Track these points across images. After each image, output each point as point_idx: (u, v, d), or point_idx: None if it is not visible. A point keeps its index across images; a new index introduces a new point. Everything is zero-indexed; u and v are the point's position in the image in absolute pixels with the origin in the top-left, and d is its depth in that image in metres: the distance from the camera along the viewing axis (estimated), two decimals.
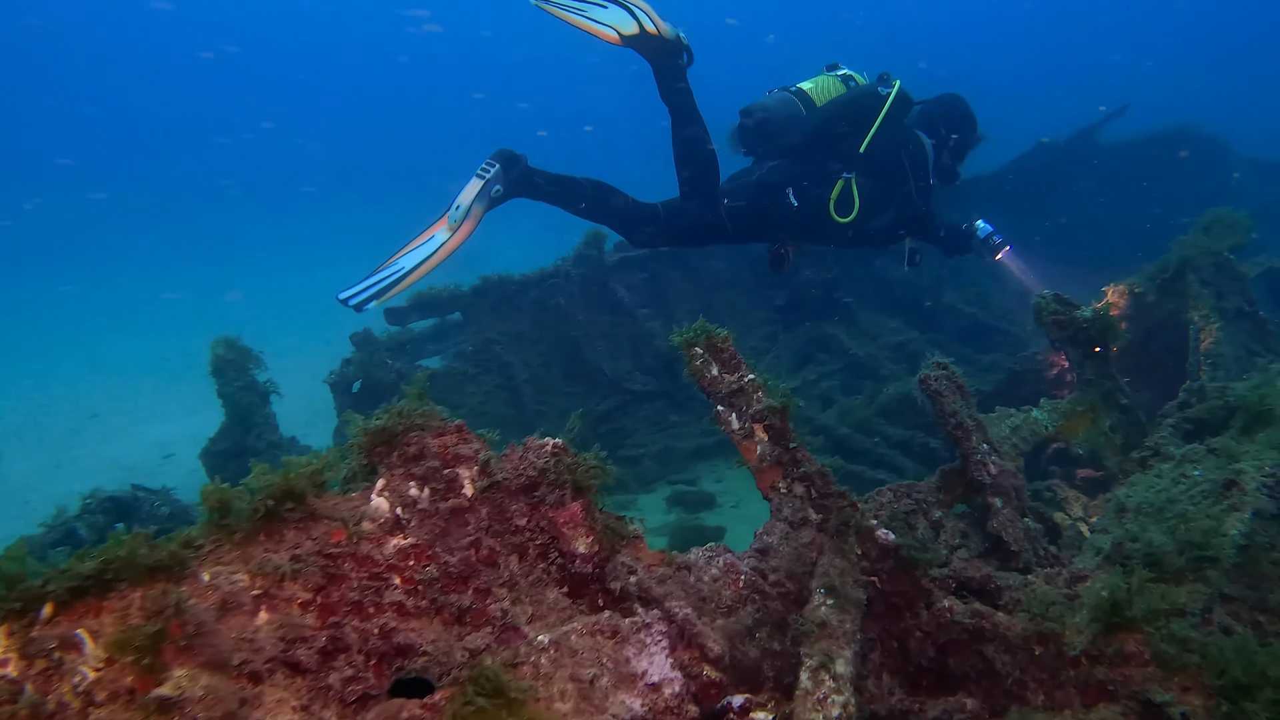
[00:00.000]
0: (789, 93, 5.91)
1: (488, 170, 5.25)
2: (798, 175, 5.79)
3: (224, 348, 6.90)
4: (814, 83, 5.96)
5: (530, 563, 2.32)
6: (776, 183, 5.77)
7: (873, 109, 5.74)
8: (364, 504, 2.15)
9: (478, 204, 5.20)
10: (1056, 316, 4.46)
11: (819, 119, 5.77)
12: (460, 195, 5.21)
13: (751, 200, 5.72)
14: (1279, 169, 13.60)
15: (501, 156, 5.31)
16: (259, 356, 7.05)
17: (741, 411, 3.06)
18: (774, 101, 5.89)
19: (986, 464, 3.44)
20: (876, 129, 5.70)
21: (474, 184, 5.21)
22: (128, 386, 14.57)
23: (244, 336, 7.36)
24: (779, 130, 5.80)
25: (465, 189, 5.23)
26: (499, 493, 2.30)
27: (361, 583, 2.03)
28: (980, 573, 3.17)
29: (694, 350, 3.11)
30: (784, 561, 2.85)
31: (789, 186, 5.76)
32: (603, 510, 2.49)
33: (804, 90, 5.89)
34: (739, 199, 5.71)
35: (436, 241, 5.21)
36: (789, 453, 3.02)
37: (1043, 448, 5.26)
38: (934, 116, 6.19)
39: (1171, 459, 3.78)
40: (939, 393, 3.48)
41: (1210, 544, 2.81)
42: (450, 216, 5.20)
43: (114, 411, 13.40)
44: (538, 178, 5.43)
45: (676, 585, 2.56)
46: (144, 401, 13.65)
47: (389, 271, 5.21)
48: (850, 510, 2.89)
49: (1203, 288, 5.56)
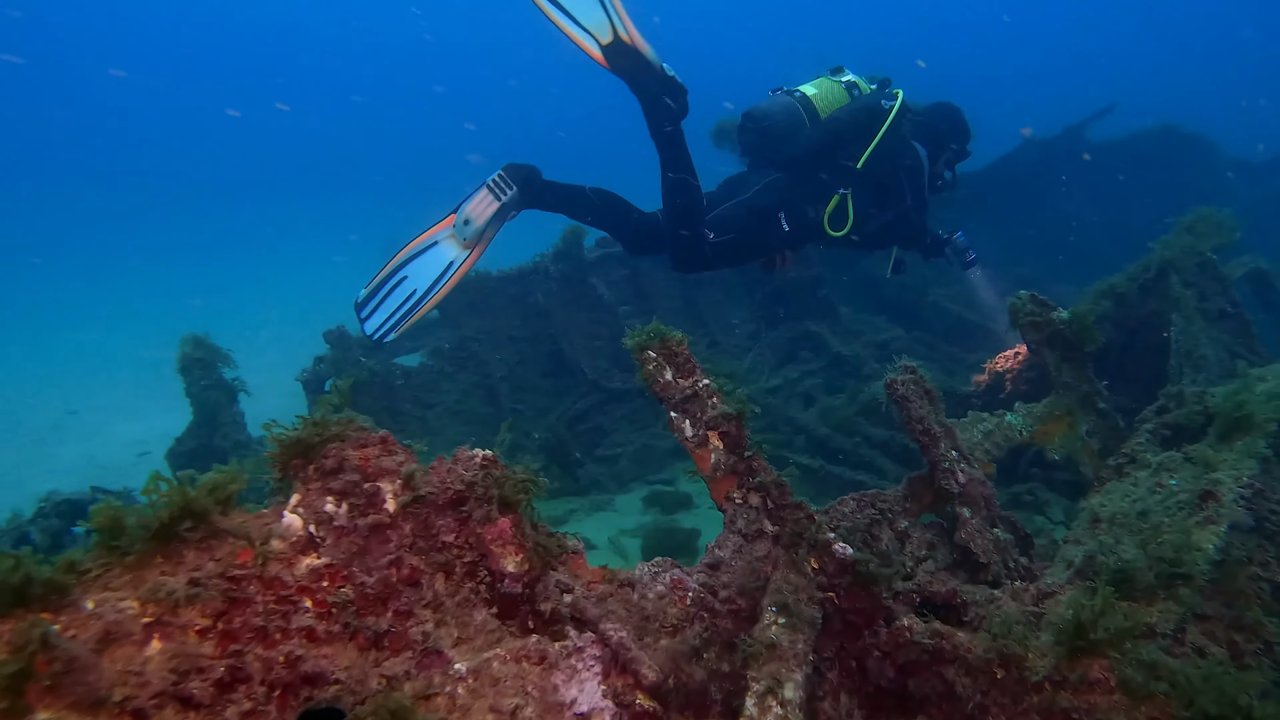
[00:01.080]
0: (793, 99, 5.72)
1: (503, 190, 5.08)
2: (792, 196, 5.66)
3: (192, 345, 6.76)
4: (818, 88, 5.77)
5: (457, 582, 2.18)
6: (769, 207, 5.64)
7: (874, 124, 5.61)
8: (275, 521, 2.01)
9: (492, 226, 5.08)
10: (1032, 318, 4.33)
11: (821, 135, 5.63)
12: (470, 206, 5.05)
13: (741, 233, 5.58)
14: (1266, 170, 13.51)
15: (518, 177, 5.14)
16: (228, 354, 6.90)
17: (695, 418, 2.93)
18: (778, 109, 5.69)
19: (955, 472, 3.31)
20: (875, 144, 5.59)
21: (488, 201, 5.05)
22: (109, 382, 14.39)
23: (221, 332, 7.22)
24: (781, 140, 5.66)
25: (476, 202, 5.06)
26: (424, 508, 2.17)
27: (268, 607, 1.89)
28: (946, 587, 3.04)
29: (647, 354, 2.99)
30: (736, 576, 2.72)
31: (781, 211, 5.65)
32: (537, 525, 2.36)
33: (809, 98, 5.71)
34: (727, 231, 5.52)
35: (446, 257, 5.07)
36: (744, 461, 2.89)
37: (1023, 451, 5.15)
38: (930, 128, 6.06)
39: (1148, 466, 3.66)
40: (905, 398, 3.36)
41: (1184, 560, 2.68)
42: (458, 229, 5.04)
43: (93, 408, 13.23)
44: (546, 195, 5.31)
45: (618, 604, 2.43)
46: (124, 398, 13.48)
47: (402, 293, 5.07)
48: (806, 523, 2.76)
49: (1185, 289, 5.43)
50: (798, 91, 5.76)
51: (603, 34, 5.07)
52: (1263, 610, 2.99)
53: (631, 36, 5.09)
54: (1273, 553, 3.27)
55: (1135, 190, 12.38)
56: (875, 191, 5.79)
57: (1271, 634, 2.92)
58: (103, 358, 15.87)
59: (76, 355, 16.58)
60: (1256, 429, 3.46)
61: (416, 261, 5.11)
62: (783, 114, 5.62)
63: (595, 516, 7.22)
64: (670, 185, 5.35)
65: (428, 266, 5.09)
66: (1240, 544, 3.09)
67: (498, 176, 5.13)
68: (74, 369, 15.60)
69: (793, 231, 5.68)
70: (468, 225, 5.02)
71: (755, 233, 5.64)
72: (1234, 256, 6.52)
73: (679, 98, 5.24)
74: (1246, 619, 2.87)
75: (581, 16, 5.05)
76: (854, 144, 5.62)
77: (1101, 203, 12.75)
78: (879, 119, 5.60)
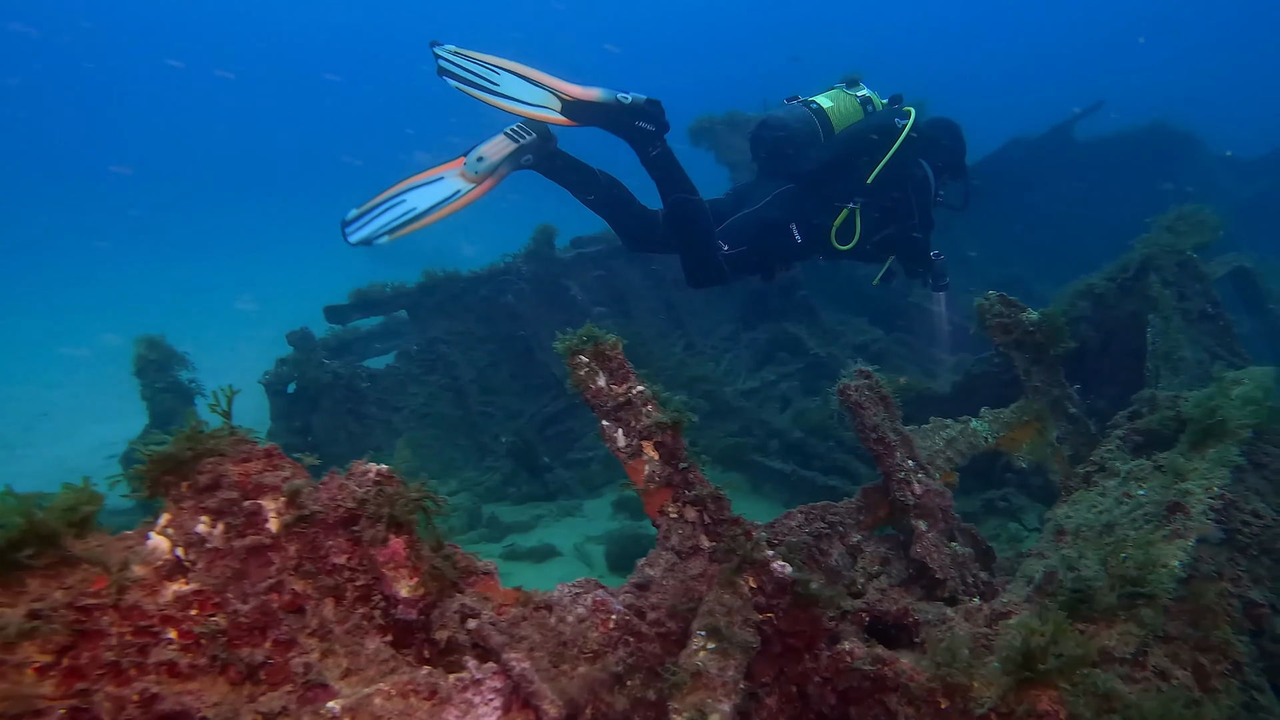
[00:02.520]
0: (809, 111, 5.70)
1: (523, 135, 5.12)
2: (804, 208, 5.68)
3: (146, 347, 6.57)
4: (834, 101, 5.75)
5: (348, 607, 2.00)
6: (781, 219, 5.66)
7: (886, 141, 5.62)
8: (139, 544, 1.83)
9: (506, 165, 5.08)
10: (1001, 319, 4.17)
11: (835, 150, 5.65)
12: (485, 148, 5.07)
13: (754, 244, 5.60)
14: (1256, 167, 13.39)
15: (540, 127, 5.17)
16: (184, 356, 6.71)
17: (629, 427, 2.75)
18: (795, 120, 5.67)
19: (911, 483, 3.14)
20: (886, 162, 5.62)
21: (504, 143, 5.08)
22: (86, 383, 14.15)
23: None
24: (796, 152, 5.67)
25: (492, 143, 5.09)
26: (312, 527, 1.99)
27: (123, 639, 1.71)
28: (897, 605, 2.88)
29: (578, 359, 2.81)
30: (667, 597, 2.55)
31: (793, 223, 5.68)
32: (443, 545, 2.18)
33: (824, 110, 5.70)
34: (740, 243, 5.53)
35: (452, 187, 5.07)
36: (680, 473, 2.71)
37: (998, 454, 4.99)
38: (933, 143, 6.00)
39: (1117, 475, 3.50)
40: (859, 404, 3.18)
41: (1147, 580, 2.51)
42: (469, 165, 5.03)
43: (67, 409, 13.01)
44: (560, 159, 5.29)
45: (533, 628, 2.26)
46: (100, 400, 13.24)
47: (400, 209, 5.04)
48: (743, 539, 2.59)
49: (1165, 288, 5.27)
50: (814, 103, 5.73)
51: (551, 104, 5.08)
52: (1232, 628, 2.82)
53: (573, 94, 5.08)
54: (1245, 566, 3.11)
55: (1123, 188, 12.24)
56: (883, 207, 5.82)
57: (1241, 654, 2.76)
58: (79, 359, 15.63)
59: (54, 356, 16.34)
60: (1230, 436, 3.30)
61: (418, 190, 5.10)
62: (799, 126, 5.60)
63: (563, 522, 7.05)
64: (672, 208, 5.35)
65: (430, 193, 5.08)
66: (1210, 559, 2.93)
67: (518, 126, 5.15)
68: (51, 370, 15.36)
69: (804, 244, 5.74)
70: (480, 162, 5.03)
71: (768, 244, 5.66)
72: (1219, 254, 6.38)
73: (653, 117, 5.21)
74: (1213, 639, 2.71)
75: (528, 98, 5.06)
76: (865, 160, 5.65)
77: (1088, 201, 12.61)
78: (891, 137, 5.61)
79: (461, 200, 5.10)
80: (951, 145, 6.10)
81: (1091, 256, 9.30)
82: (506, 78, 5.03)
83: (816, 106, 5.71)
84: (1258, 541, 3.16)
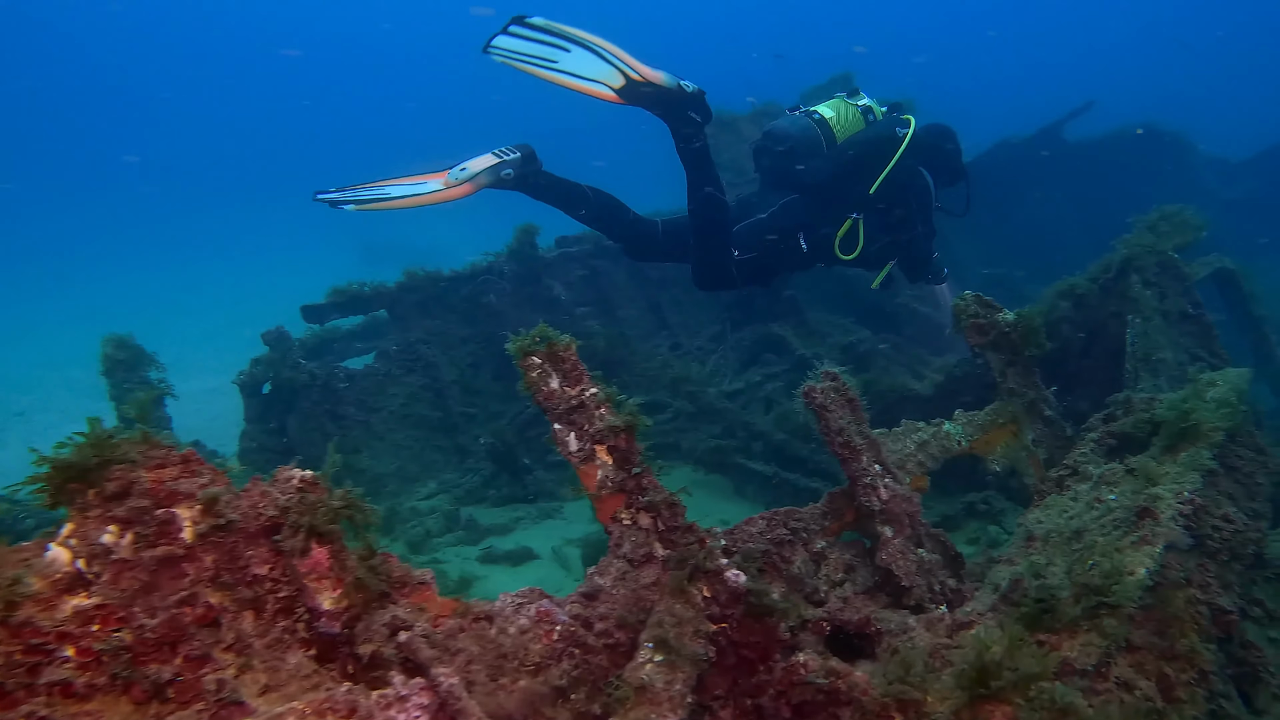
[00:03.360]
0: (812, 121, 5.73)
1: (507, 154, 5.28)
2: (811, 218, 5.74)
3: (113, 346, 6.46)
4: (835, 111, 5.78)
5: (269, 620, 1.91)
6: (788, 228, 5.72)
7: (887, 152, 5.66)
8: (36, 556, 1.74)
9: (484, 175, 5.21)
10: (976, 320, 4.08)
11: (839, 162, 5.69)
12: (470, 161, 5.24)
13: (763, 251, 5.69)
14: (1243, 169, 13.33)
15: (525, 149, 5.35)
16: (154, 356, 6.60)
17: (581, 430, 2.67)
18: (798, 131, 5.69)
19: (877, 487, 3.05)
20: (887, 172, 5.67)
21: (488, 158, 5.24)
22: (62, 384, 14.02)
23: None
24: (798, 163, 5.70)
25: (477, 158, 5.25)
26: (231, 536, 1.90)
27: (10, 659, 1.62)
28: (859, 614, 2.79)
29: (530, 360, 2.72)
30: (617, 606, 2.46)
31: (800, 232, 5.75)
32: (376, 553, 2.09)
33: (826, 121, 5.73)
34: (750, 249, 5.62)
35: (428, 187, 5.25)
36: (633, 478, 2.62)
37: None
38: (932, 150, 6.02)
39: (1090, 479, 3.42)
40: (824, 407, 3.10)
41: (1111, 590, 2.42)
42: (451, 174, 5.21)
43: (43, 409, 12.89)
44: (541, 179, 5.42)
45: (471, 640, 2.17)
46: (78, 400, 13.11)
47: (374, 190, 5.25)
48: (696, 547, 2.50)
49: (1146, 288, 5.19)
50: (816, 113, 5.75)
51: (612, 80, 5.12)
52: (1200, 636, 2.74)
53: (643, 74, 5.12)
54: (1214, 572, 3.03)
55: (1112, 189, 12.17)
56: (885, 216, 5.87)
57: (1208, 662, 2.68)
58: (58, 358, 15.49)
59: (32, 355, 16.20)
60: (1202, 439, 3.22)
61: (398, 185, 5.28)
62: (802, 136, 5.63)
63: (542, 525, 6.96)
64: (701, 201, 5.42)
65: (407, 188, 5.26)
66: (1178, 565, 2.85)
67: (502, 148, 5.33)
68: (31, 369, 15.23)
69: (810, 254, 5.82)
70: (463, 171, 5.20)
71: (776, 252, 5.74)
72: (1201, 255, 6.30)
73: (703, 109, 5.29)
74: (1179, 647, 2.62)
75: (586, 72, 5.11)
76: (868, 171, 5.69)
77: (1077, 202, 12.54)
78: (892, 147, 5.65)
79: (432, 196, 5.24)
80: (949, 150, 6.14)
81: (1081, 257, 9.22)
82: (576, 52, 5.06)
83: (819, 117, 5.73)
84: (1228, 547, 3.09)
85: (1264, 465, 3.63)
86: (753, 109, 10.38)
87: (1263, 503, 3.53)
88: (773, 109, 10.44)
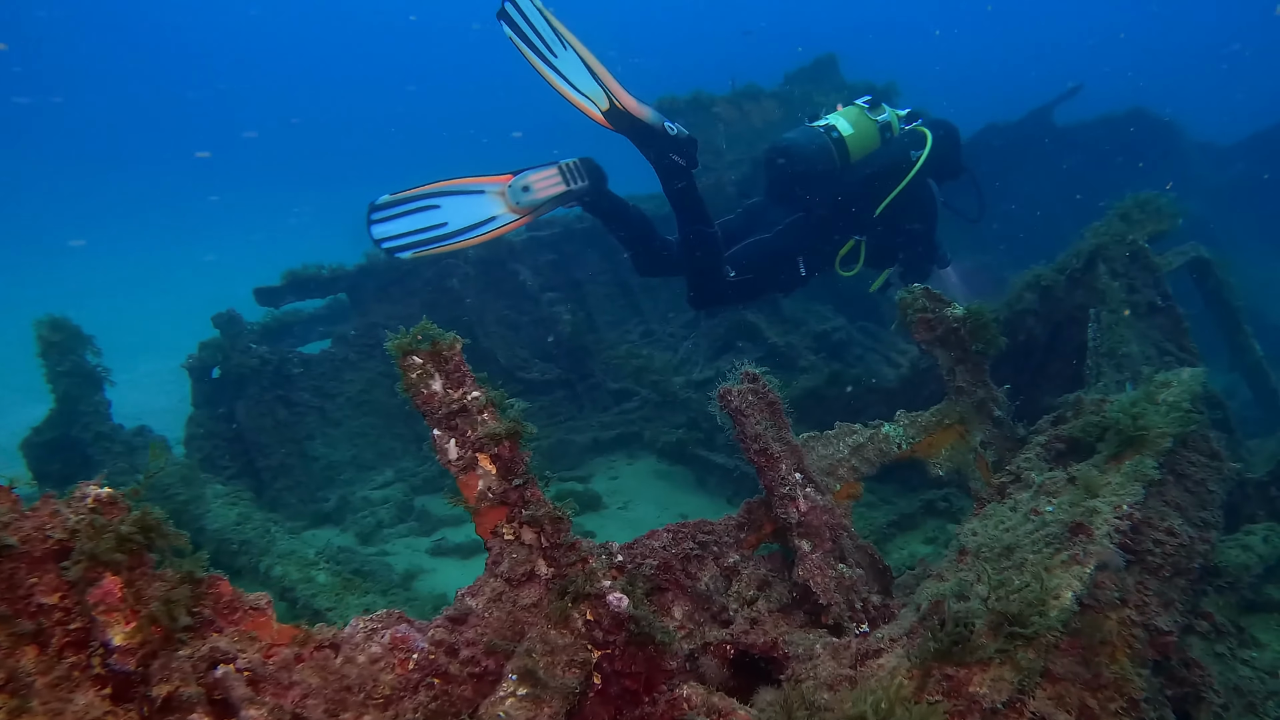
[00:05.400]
0: (829, 140, 5.61)
1: (574, 179, 5.04)
2: (814, 241, 5.71)
3: (48, 328, 6.24)
4: (854, 127, 5.65)
5: (54, 656, 1.71)
6: (789, 251, 5.69)
7: (900, 175, 5.61)
8: None
9: (547, 205, 5.01)
10: (924, 315, 3.86)
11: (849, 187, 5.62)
12: (534, 177, 4.96)
13: (760, 273, 5.63)
14: (1232, 153, 13.05)
15: (593, 174, 5.11)
16: (91, 339, 6.38)
17: (463, 437, 2.46)
18: (814, 152, 5.59)
19: (795, 498, 2.84)
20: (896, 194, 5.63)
21: (555, 181, 4.99)
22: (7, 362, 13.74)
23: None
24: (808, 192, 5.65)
25: (542, 177, 4.99)
26: (13, 561, 1.69)
27: None
28: (766, 637, 2.59)
29: (411, 360, 2.51)
30: (488, 630, 2.26)
31: (801, 256, 5.72)
32: (197, 576, 1.88)
33: (844, 140, 5.62)
34: (748, 270, 5.53)
35: (489, 210, 4.96)
36: (516, 490, 2.42)
37: None
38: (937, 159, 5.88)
39: (1032, 486, 3.21)
40: (740, 411, 2.89)
41: (1030, 620, 2.22)
42: (513, 191, 4.95)
43: None
44: (605, 201, 5.26)
45: (310, 672, 1.97)
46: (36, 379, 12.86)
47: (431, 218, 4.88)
48: (576, 569, 2.30)
49: (1114, 280, 4.97)
50: (834, 131, 5.62)
51: (599, 101, 5.01)
52: (1132, 661, 2.54)
53: (624, 103, 5.00)
54: (1154, 590, 2.83)
55: (1101, 174, 11.91)
56: (889, 234, 5.84)
57: (1139, 690, 2.47)
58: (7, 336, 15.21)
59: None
60: (1148, 447, 3.01)
61: (456, 199, 4.96)
62: (817, 158, 5.55)
63: None
64: (689, 240, 5.34)
65: (467, 209, 4.95)
66: (1113, 584, 2.64)
67: (573, 163, 5.08)
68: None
69: (808, 275, 5.82)
70: (525, 192, 4.95)
71: (773, 275, 5.72)
72: (1177, 244, 6.07)
73: (686, 152, 5.15)
74: (1107, 675, 2.42)
75: (580, 84, 4.98)
76: (877, 194, 5.65)
77: (1065, 187, 12.28)
78: (905, 169, 5.61)
79: (494, 232, 4.94)
80: (953, 153, 6.06)
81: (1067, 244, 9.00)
82: (570, 56, 4.90)
83: (837, 135, 5.60)
84: (1171, 562, 2.88)
85: (1217, 471, 3.42)
86: (731, 90, 10.11)
87: (1214, 511, 3.32)
88: (752, 90, 10.19)
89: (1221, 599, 3.43)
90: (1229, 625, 3.29)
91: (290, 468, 6.95)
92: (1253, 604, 3.59)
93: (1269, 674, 3.18)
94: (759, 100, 9.94)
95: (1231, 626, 3.32)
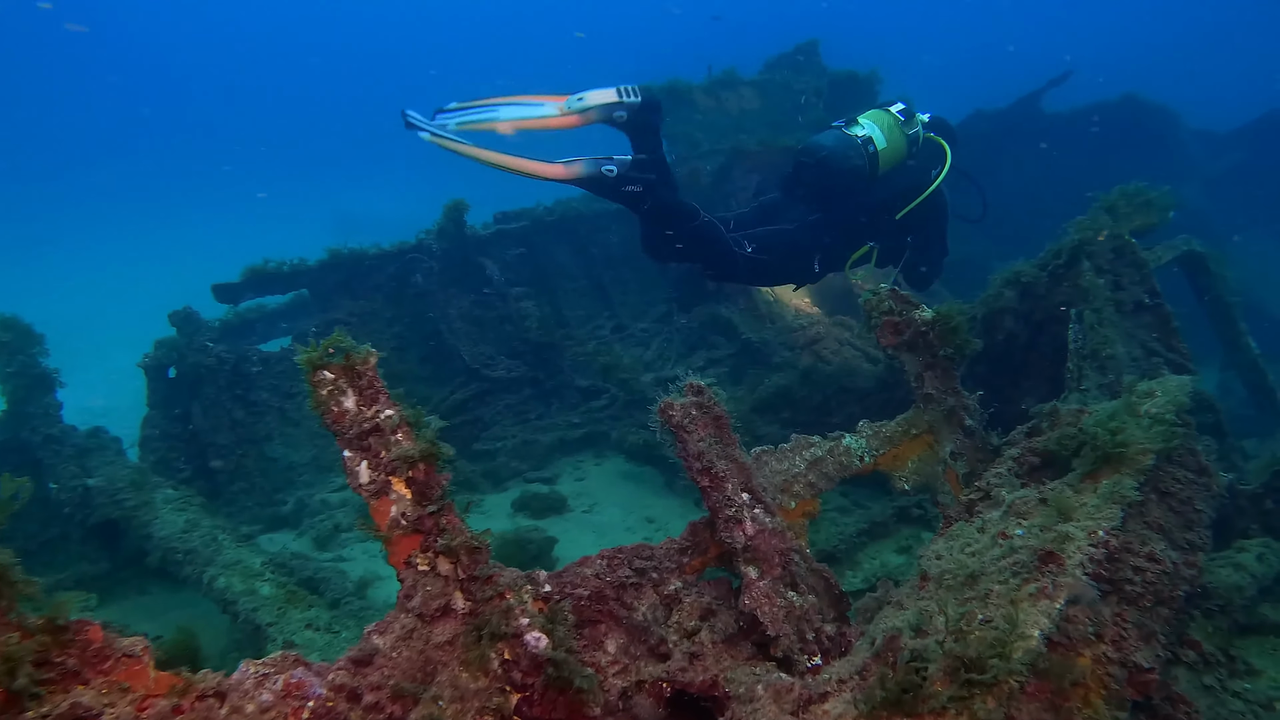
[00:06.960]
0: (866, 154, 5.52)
1: (630, 94, 5.05)
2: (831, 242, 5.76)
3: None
4: (887, 139, 5.57)
5: None
6: (808, 248, 5.73)
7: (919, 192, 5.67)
8: None
9: (598, 111, 4.99)
10: (890, 318, 3.65)
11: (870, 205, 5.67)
12: (590, 92, 5.02)
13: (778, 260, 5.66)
14: (1229, 140, 12.86)
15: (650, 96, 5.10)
16: (42, 338, 6.12)
17: (375, 458, 2.23)
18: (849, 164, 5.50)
19: (742, 521, 2.63)
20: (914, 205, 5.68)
21: (609, 93, 5.02)
22: None
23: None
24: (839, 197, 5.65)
25: (598, 90, 5.03)
26: None
27: None
28: (705, 675, 2.38)
29: (322, 375, 2.28)
30: (395, 673, 2.04)
31: (817, 255, 5.77)
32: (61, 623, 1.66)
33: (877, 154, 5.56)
34: (766, 252, 5.57)
35: (541, 110, 5.02)
36: (432, 516, 2.20)
37: None
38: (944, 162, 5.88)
39: (1001, 505, 3.00)
40: (682, 427, 2.68)
41: (990, 665, 2.01)
42: (569, 102, 4.99)
43: None
44: (651, 136, 5.14)
45: None
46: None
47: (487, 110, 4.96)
48: (493, 604, 2.08)
49: (1098, 276, 4.77)
50: (871, 144, 5.54)
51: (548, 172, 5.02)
52: (1108, 703, 2.34)
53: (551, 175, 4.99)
54: (1134, 621, 2.63)
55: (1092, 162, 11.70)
56: (901, 239, 5.89)
57: None
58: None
59: None
60: (1128, 464, 2.80)
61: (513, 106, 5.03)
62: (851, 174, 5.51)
63: None
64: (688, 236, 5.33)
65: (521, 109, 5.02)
66: (1088, 618, 2.43)
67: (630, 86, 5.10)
68: None
69: (820, 272, 5.88)
70: (580, 101, 4.99)
71: (788, 265, 5.77)
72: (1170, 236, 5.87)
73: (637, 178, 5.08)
74: None
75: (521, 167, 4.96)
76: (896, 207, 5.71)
77: (1055, 175, 12.08)
78: (924, 187, 5.67)
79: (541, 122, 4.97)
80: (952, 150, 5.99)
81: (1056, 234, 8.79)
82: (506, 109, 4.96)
83: (874, 150, 5.54)
84: (1152, 591, 2.67)
85: (1205, 489, 3.21)
86: (708, 78, 9.87)
87: (1201, 531, 3.11)
88: (730, 78, 9.95)
89: (1211, 624, 3.24)
90: (1218, 654, 3.10)
91: (247, 470, 6.71)
92: (1246, 627, 3.40)
93: (1263, 707, 2.99)
94: (736, 89, 9.71)
95: (1222, 655, 3.12)
